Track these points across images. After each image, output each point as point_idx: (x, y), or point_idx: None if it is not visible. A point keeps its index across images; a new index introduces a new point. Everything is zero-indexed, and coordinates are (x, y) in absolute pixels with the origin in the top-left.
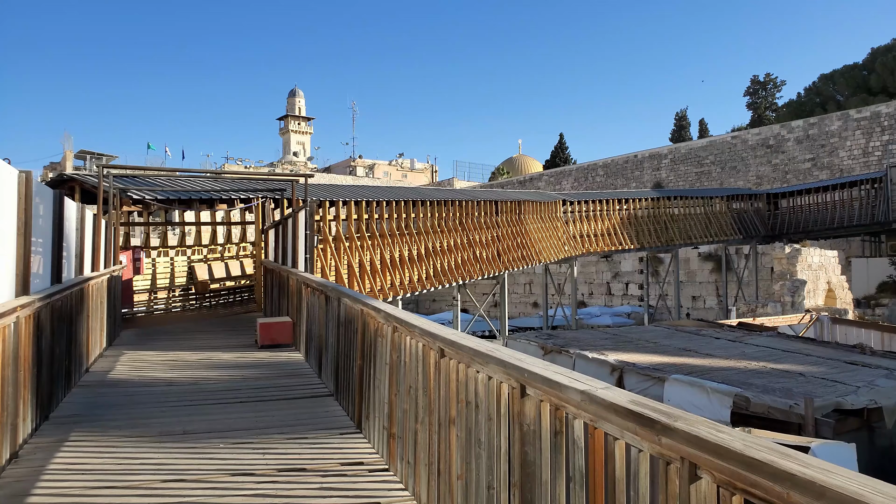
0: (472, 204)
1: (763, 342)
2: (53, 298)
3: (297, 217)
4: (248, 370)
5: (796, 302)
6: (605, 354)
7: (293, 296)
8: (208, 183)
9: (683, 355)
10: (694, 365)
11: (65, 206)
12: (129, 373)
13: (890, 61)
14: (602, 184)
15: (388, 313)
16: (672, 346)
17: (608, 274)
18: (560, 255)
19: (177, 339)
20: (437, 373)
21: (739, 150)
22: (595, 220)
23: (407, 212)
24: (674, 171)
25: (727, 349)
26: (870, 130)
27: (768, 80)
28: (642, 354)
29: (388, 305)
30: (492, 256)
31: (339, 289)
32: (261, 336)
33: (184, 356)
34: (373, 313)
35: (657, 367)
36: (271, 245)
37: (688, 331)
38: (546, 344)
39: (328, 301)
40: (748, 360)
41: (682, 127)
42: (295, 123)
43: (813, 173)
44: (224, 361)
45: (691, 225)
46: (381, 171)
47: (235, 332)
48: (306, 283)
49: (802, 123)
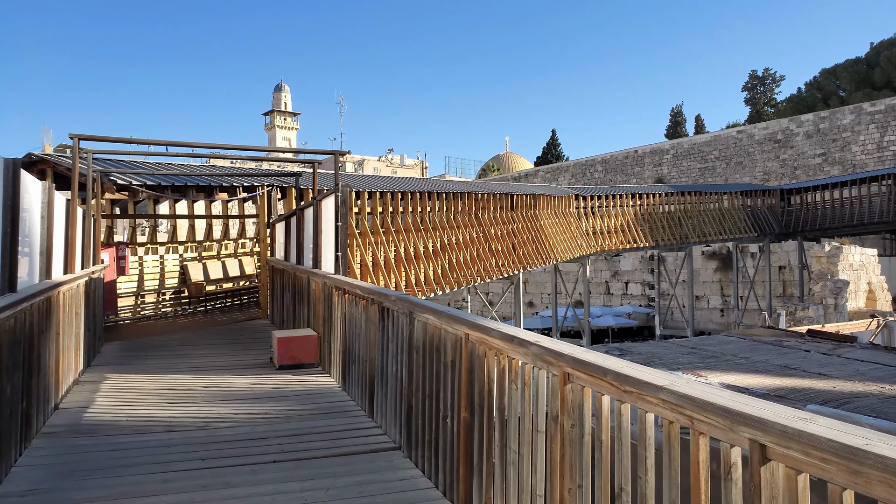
0: (488, 197)
1: (863, 356)
2: (0, 317)
3: (320, 206)
4: (272, 404)
5: (839, 304)
6: (704, 376)
7: (317, 303)
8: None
9: (791, 375)
10: (817, 389)
11: (20, 183)
12: (113, 410)
13: (894, 56)
14: (601, 180)
15: (540, 345)
16: (767, 362)
17: (607, 273)
18: (575, 252)
19: (172, 357)
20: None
21: (745, 145)
22: (608, 215)
23: (422, 205)
24: (676, 166)
25: (835, 366)
26: (884, 124)
27: (767, 75)
28: (742, 375)
29: (516, 329)
30: (507, 253)
31: (411, 300)
32: (279, 353)
33: (184, 382)
34: (495, 342)
35: (776, 392)
36: (280, 241)
37: (768, 341)
38: None
39: (387, 315)
40: (874, 383)
41: (678, 123)
42: (281, 119)
43: (824, 169)
44: (237, 390)
45: (705, 221)
46: (370, 167)
47: (242, 345)
48: (342, 288)
49: (813, 117)
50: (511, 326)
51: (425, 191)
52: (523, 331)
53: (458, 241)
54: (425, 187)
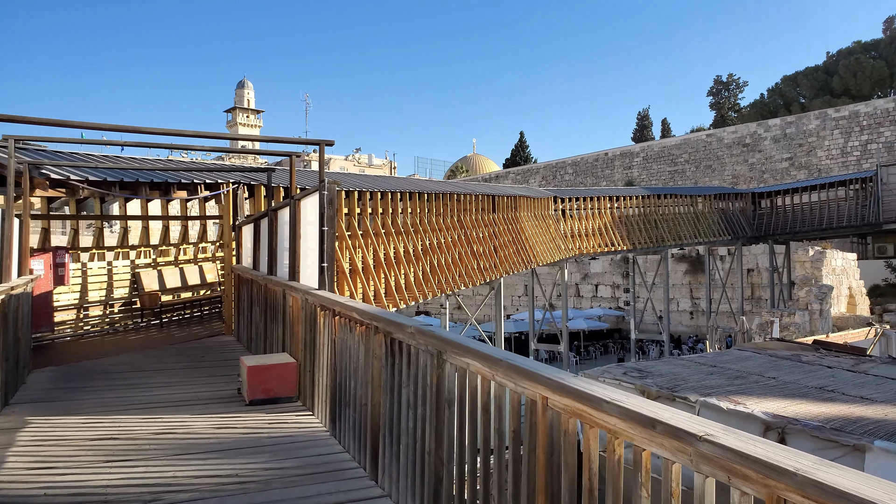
0: (470, 198)
1: (890, 372)
2: None
3: (298, 207)
4: (244, 459)
5: (824, 310)
6: (743, 403)
7: (295, 323)
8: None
9: (832, 400)
10: (870, 418)
11: None
12: (29, 478)
13: (852, 64)
14: (571, 182)
15: (717, 443)
16: (799, 383)
17: (577, 275)
18: (555, 255)
19: (117, 388)
20: None
21: (714, 149)
22: (586, 218)
23: (402, 206)
24: (646, 169)
25: (871, 387)
26: (848, 130)
27: (731, 80)
28: (781, 400)
29: (649, 404)
30: (489, 255)
31: (439, 336)
32: (250, 386)
33: (130, 426)
34: (608, 420)
35: (831, 424)
36: (247, 246)
37: (785, 356)
38: (648, 387)
39: (400, 351)
40: None
41: (645, 126)
42: (243, 116)
43: (790, 173)
44: (199, 437)
45: (680, 224)
46: (336, 165)
47: (204, 370)
48: (330, 308)
49: (780, 122)
50: (641, 400)
51: (406, 191)
52: (672, 411)
53: (440, 243)
54: (406, 187)
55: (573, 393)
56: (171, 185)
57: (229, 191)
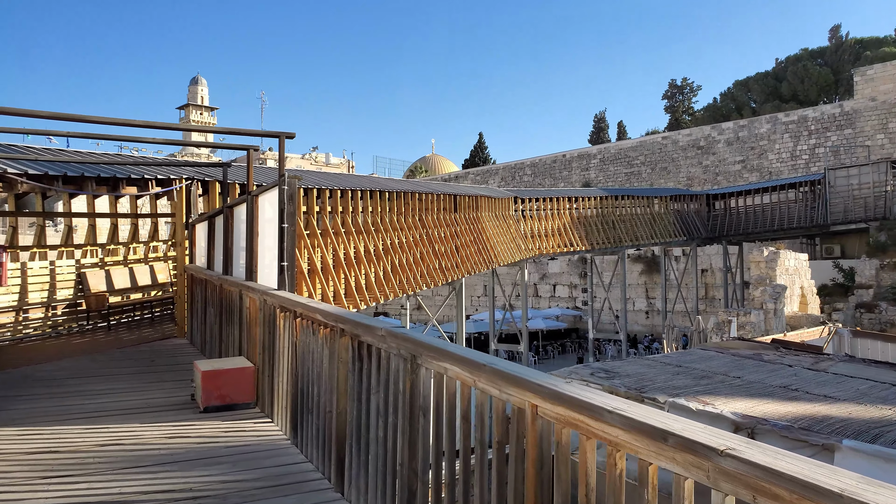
0: (432, 197)
1: (848, 370)
2: None
3: (256, 203)
4: (199, 471)
5: (778, 309)
6: (712, 403)
7: (253, 325)
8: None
9: (797, 399)
10: (836, 417)
11: None
12: None
13: (800, 71)
14: (530, 183)
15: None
16: (764, 382)
17: (536, 275)
18: (516, 256)
19: (58, 396)
20: None
21: (670, 151)
22: (546, 218)
23: (363, 204)
24: (603, 171)
25: (832, 386)
26: (797, 134)
27: (685, 84)
28: (748, 400)
29: (658, 414)
30: (451, 255)
31: (413, 339)
32: (204, 392)
33: (73, 438)
34: (608, 431)
35: (798, 423)
36: (201, 245)
37: (747, 355)
38: (616, 388)
39: (369, 355)
40: (883, 405)
41: (602, 129)
42: (197, 113)
43: (743, 175)
44: (149, 448)
45: (637, 225)
46: (293, 164)
47: (155, 375)
48: (290, 309)
49: (733, 125)
50: (647, 409)
51: (366, 189)
52: (683, 421)
53: (401, 243)
54: (366, 185)
55: (568, 401)
56: (121, 181)
57: (182, 187)
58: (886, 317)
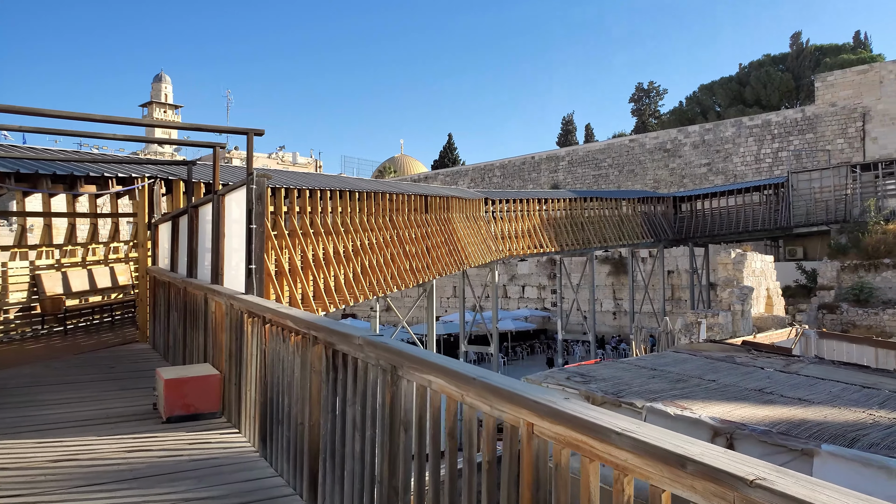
0: (403, 198)
1: (819, 372)
2: None
3: (222, 203)
4: (161, 489)
5: (745, 310)
6: (689, 408)
7: (219, 331)
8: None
9: (772, 402)
10: (812, 421)
11: None
12: None
13: (763, 76)
14: (499, 184)
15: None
16: (738, 385)
17: (505, 276)
18: (486, 257)
19: (8, 407)
20: None
21: (637, 154)
22: (517, 220)
23: (332, 205)
24: (571, 173)
25: (805, 388)
26: (761, 138)
27: (652, 88)
28: (724, 404)
29: (675, 437)
30: (422, 255)
31: (393, 348)
32: (167, 401)
33: (25, 453)
34: (615, 454)
35: (777, 428)
36: (164, 246)
37: (719, 357)
38: (593, 393)
39: (345, 364)
40: (857, 408)
41: (570, 131)
42: (160, 111)
43: (709, 178)
44: (108, 463)
45: (606, 227)
46: (259, 163)
47: (114, 381)
48: (259, 314)
49: (699, 129)
50: (659, 430)
51: (335, 189)
52: (702, 444)
53: (371, 244)
54: (335, 185)
55: (570, 420)
56: (79, 179)
57: (144, 186)
58: (847, 317)
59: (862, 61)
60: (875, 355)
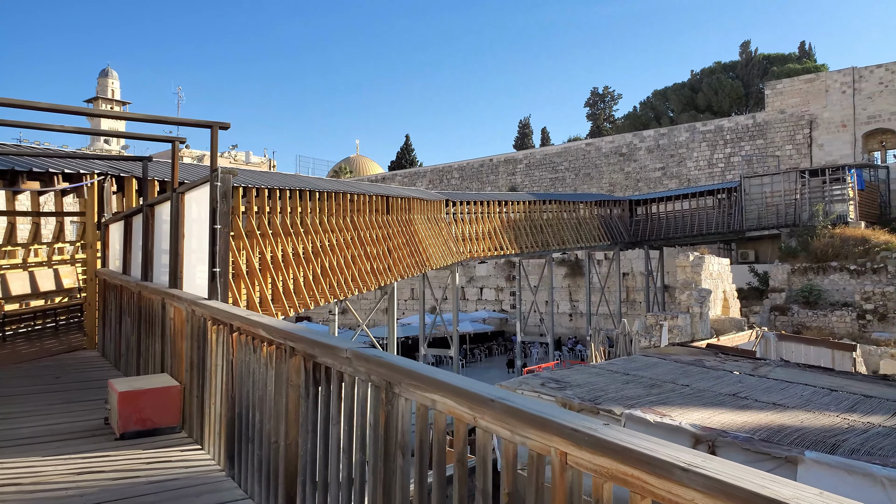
0: (364, 198)
1: (787, 375)
2: None
3: (182, 201)
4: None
5: (703, 313)
6: (669, 415)
7: (178, 339)
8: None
9: (748, 407)
10: (791, 426)
11: None
12: None
13: (714, 83)
14: (458, 186)
15: None
16: (712, 390)
17: (463, 278)
18: (448, 259)
19: None
20: None
21: (593, 157)
22: (477, 222)
23: (291, 205)
24: (529, 175)
25: (777, 392)
26: (714, 143)
27: (606, 92)
28: (702, 410)
29: (753, 474)
30: (383, 256)
31: (387, 362)
32: (121, 416)
33: None
34: (675, 491)
35: (758, 435)
36: (115, 247)
37: (688, 361)
38: (570, 400)
39: (328, 379)
40: (832, 412)
41: (526, 134)
42: (107, 107)
43: (663, 182)
44: (54, 489)
45: (564, 229)
46: (206, 162)
47: (60, 393)
48: (225, 322)
49: (653, 133)
50: (733, 466)
51: (294, 188)
52: (792, 486)
53: (332, 245)
54: (294, 185)
55: (619, 452)
56: (20, 174)
57: (94, 183)
58: (798, 319)
59: (807, 70)
60: (832, 357)
